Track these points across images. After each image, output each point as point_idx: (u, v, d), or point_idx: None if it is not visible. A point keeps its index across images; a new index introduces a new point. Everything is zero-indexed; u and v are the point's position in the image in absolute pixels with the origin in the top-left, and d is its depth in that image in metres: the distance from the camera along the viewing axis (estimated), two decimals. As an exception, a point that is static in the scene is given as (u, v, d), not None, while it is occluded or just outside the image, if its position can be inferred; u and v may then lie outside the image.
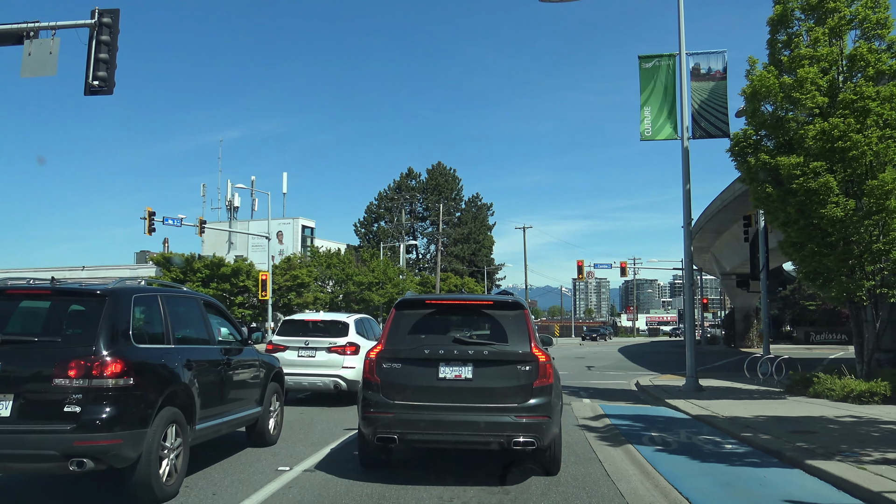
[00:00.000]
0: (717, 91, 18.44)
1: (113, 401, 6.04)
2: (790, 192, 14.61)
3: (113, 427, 5.97)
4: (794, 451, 8.90)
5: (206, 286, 52.59)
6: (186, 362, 7.19)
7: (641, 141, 18.93)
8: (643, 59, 19.05)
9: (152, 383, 6.56)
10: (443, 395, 7.34)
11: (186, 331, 7.84)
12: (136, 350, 6.50)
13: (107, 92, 16.12)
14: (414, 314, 7.92)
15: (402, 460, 8.49)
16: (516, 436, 7.16)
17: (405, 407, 7.32)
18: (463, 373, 7.40)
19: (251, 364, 9.08)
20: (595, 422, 12.50)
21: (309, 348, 14.29)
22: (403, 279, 65.19)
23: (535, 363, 7.39)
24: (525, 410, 7.26)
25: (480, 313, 8.12)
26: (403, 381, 7.41)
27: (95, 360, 6.03)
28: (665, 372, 27.26)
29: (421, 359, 7.47)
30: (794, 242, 15.15)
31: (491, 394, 7.33)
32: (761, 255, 26.04)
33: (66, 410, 5.88)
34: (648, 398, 17.39)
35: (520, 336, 7.58)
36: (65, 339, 6.45)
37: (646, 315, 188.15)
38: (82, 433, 5.85)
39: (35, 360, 6.10)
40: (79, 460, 5.83)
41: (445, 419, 7.27)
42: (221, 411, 8.01)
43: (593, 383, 22.01)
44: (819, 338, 66.60)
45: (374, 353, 7.63)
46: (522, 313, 7.79)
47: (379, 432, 7.34)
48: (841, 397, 14.39)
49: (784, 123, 15.13)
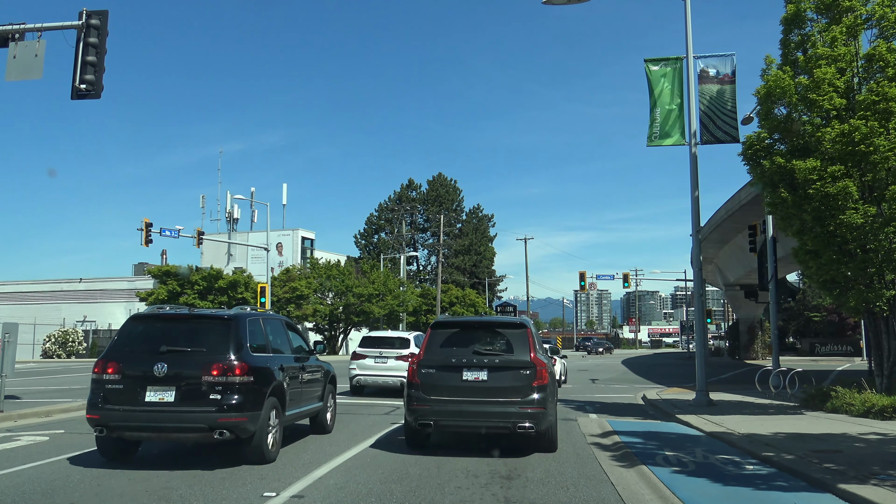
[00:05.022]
0: (725, 95, 17.83)
1: (240, 391, 8.67)
2: (806, 197, 13.98)
3: (242, 409, 8.62)
4: (822, 472, 8.22)
5: (204, 298, 51.91)
6: (280, 366, 9.84)
7: (648, 146, 18.34)
8: (650, 62, 18.47)
9: (262, 380, 9.12)
10: (465, 392, 9.85)
11: (277, 343, 10.38)
12: (252, 357, 9.12)
13: (94, 96, 15.56)
14: (444, 332, 10.55)
15: (436, 442, 10.85)
16: (521, 422, 9.59)
17: (438, 401, 9.84)
18: (480, 376, 9.90)
19: (316, 369, 11.63)
20: (604, 439, 11.81)
21: (382, 357, 19.51)
22: (404, 291, 64.46)
23: (535, 368, 9.85)
24: (526, 403, 9.69)
25: (494, 331, 10.53)
26: (436, 382, 9.95)
27: (229, 364, 8.71)
28: (671, 385, 26.57)
29: (449, 366, 10.01)
30: (810, 250, 14.49)
31: (501, 391, 9.79)
32: (770, 264, 25.31)
33: (211, 398, 8.56)
34: (657, 413, 16.71)
35: (523, 348, 10.05)
36: (208, 349, 8.91)
37: (648, 327, 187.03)
38: (222, 413, 8.52)
39: (189, 364, 8.74)
40: (220, 431, 8.50)
41: (467, 410, 9.80)
42: (299, 403, 10.57)
43: (598, 397, 21.32)
44: (824, 349, 65.77)
45: (415, 361, 10.25)
46: (525, 331, 10.28)
47: (419, 420, 9.94)
48: (861, 412, 13.69)
49: (799, 126, 14.52)
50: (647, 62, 18.52)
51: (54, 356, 52.45)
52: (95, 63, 15.37)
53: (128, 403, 8.60)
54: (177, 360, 8.72)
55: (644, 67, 18.48)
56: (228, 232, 72.57)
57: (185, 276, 52.25)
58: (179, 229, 43.96)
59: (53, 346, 52.94)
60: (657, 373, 38.79)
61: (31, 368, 38.89)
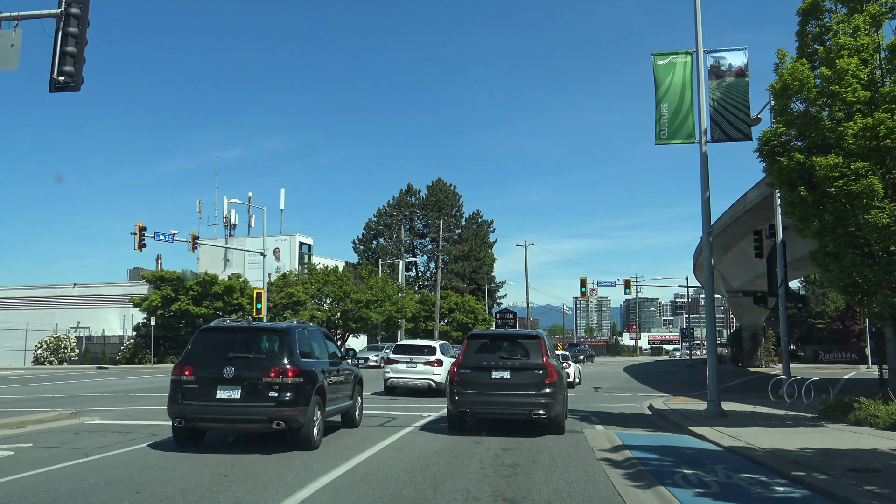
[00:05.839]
0: (737, 89, 17.00)
1: (293, 390, 10.36)
2: (827, 196, 13.14)
3: (294, 405, 10.30)
4: (866, 497, 7.36)
5: (199, 304, 51.03)
6: (322, 370, 11.54)
7: (656, 145, 17.51)
8: (657, 56, 17.64)
9: (309, 381, 10.79)
10: (494, 387, 12.82)
11: (318, 350, 12.08)
12: (301, 362, 10.83)
13: (73, 88, 14.72)
14: (478, 341, 13.67)
15: (472, 425, 13.80)
16: (535, 410, 12.54)
17: (473, 394, 12.81)
18: (505, 375, 12.87)
19: (347, 372, 13.40)
20: (615, 454, 10.95)
21: (412, 362, 22.55)
22: (403, 297, 63.53)
23: (546, 369, 12.85)
24: (540, 395, 12.63)
25: (516, 341, 13.58)
26: (472, 380, 12.93)
27: (283, 368, 10.41)
28: (677, 393, 25.71)
29: (481, 367, 13.01)
30: (830, 252, 13.64)
31: (521, 386, 12.75)
32: (779, 269, 24.50)
33: (270, 395, 10.25)
34: (667, 424, 15.86)
35: (538, 354, 13.10)
36: (266, 356, 10.78)
37: (648, 334, 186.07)
38: (279, 407, 10.21)
39: (251, 367, 10.47)
40: (277, 422, 10.19)
41: (495, 400, 12.81)
42: (335, 401, 12.27)
43: (603, 406, 20.46)
44: (828, 357, 64.85)
45: (456, 364, 13.40)
46: (539, 341, 13.40)
47: (458, 408, 12.92)
48: (888, 425, 12.84)
49: (817, 121, 13.70)
50: (654, 56, 17.68)
51: (46, 363, 51.50)
52: (75, 54, 14.54)
53: (202, 399, 10.38)
54: (241, 364, 10.53)
55: (651, 62, 17.65)
56: (225, 237, 71.69)
57: (189, 280, 51.39)
58: (174, 234, 42.97)
59: (45, 353, 51.99)
60: (660, 380, 37.94)
61: (19, 375, 37.91)
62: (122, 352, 52.99)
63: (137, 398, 21.28)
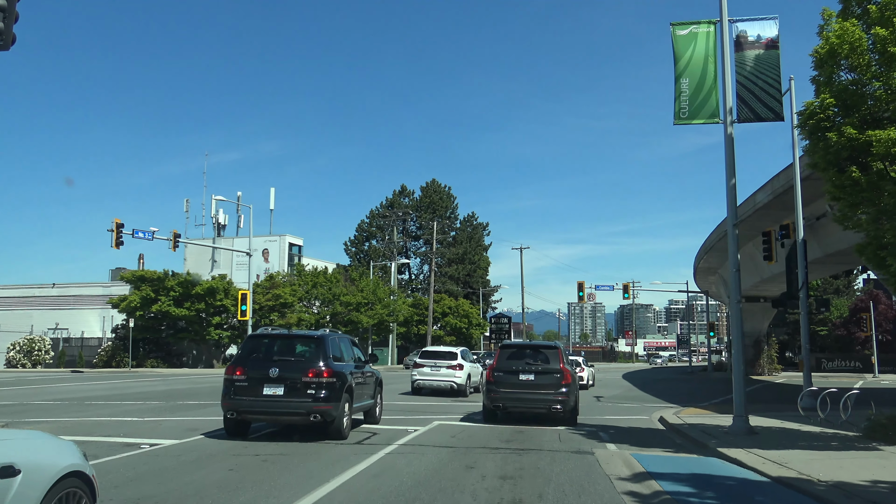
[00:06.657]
0: (767, 62, 14.99)
1: (328, 388, 12.20)
2: (884, 177, 11.15)
3: (329, 401, 12.17)
4: None
5: (180, 305, 48.83)
6: (350, 371, 13.27)
7: (675, 125, 15.45)
8: (676, 26, 15.62)
9: (340, 381, 12.52)
10: (521, 386, 15.98)
11: (346, 355, 13.87)
12: (334, 364, 12.67)
13: (2, 48, 12.66)
14: (509, 350, 16.99)
15: (503, 417, 16.48)
16: (554, 405, 15.76)
17: (504, 392, 15.93)
18: (530, 377, 16.02)
19: (370, 374, 15.00)
20: (638, 486, 8.85)
21: (436, 366, 25.36)
22: (395, 300, 61.42)
23: (563, 373, 15.98)
24: (558, 394, 15.78)
25: (539, 350, 16.84)
26: (504, 380, 16.02)
27: (319, 369, 12.26)
28: (686, 404, 23.68)
29: (511, 370, 16.12)
30: (888, 244, 11.62)
31: (542, 386, 15.91)
32: (800, 270, 22.55)
33: (308, 392, 12.13)
34: (687, 442, 13.83)
35: (556, 361, 16.25)
36: (305, 359, 12.66)
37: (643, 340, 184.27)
38: (316, 403, 12.10)
39: (293, 368, 12.41)
40: (314, 415, 12.09)
41: (522, 397, 15.98)
42: (361, 398, 13.97)
43: (609, 419, 18.42)
44: (831, 365, 63.01)
45: (491, 368, 16.52)
46: (557, 351, 16.70)
47: (493, 403, 16.02)
48: (958, 449, 10.81)
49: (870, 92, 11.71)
50: (672, 26, 15.66)
51: (18, 365, 49.18)
52: (5, 8, 12.48)
53: (251, 395, 12.13)
54: (284, 365, 12.38)
55: (670, 33, 15.63)
56: (213, 237, 69.49)
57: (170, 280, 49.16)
58: (153, 231, 40.71)
59: (18, 355, 49.67)
60: (663, 389, 35.91)
61: (-18, 379, 35.55)
62: (98, 354, 50.70)
63: (93, 407, 19.11)
